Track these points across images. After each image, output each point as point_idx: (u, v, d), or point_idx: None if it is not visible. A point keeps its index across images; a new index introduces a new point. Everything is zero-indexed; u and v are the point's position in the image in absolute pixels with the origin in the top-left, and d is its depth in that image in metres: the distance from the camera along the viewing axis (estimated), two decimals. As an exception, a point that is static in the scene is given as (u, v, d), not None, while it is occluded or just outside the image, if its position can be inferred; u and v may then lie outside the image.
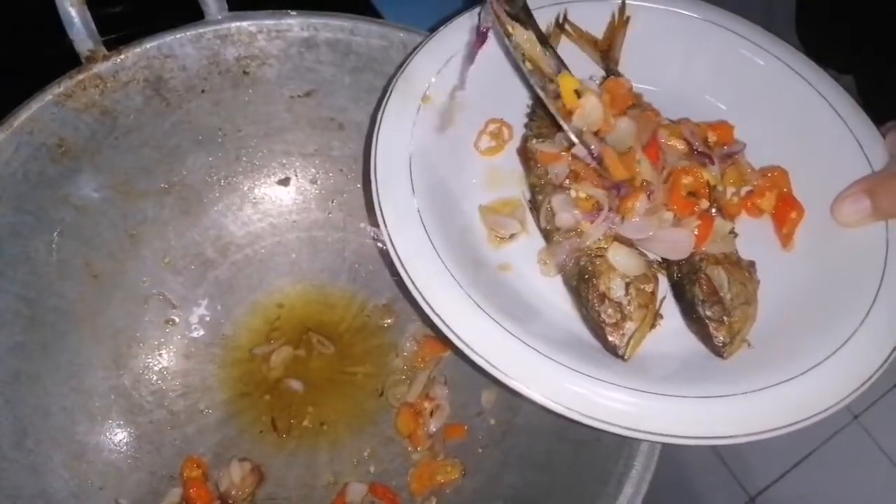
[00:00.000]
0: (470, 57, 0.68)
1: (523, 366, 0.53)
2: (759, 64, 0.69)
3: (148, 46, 0.72)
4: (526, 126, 0.69)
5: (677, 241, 0.60)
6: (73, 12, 0.66)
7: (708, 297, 0.59)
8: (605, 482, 0.64)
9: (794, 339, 0.58)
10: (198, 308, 0.83)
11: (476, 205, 0.65)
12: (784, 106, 0.68)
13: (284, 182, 0.87)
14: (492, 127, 0.69)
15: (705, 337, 0.59)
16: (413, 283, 0.56)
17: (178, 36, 0.73)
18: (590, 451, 0.68)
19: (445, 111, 0.66)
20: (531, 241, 0.64)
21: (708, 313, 0.59)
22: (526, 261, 0.63)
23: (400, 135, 0.62)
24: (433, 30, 0.70)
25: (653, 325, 0.60)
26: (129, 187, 0.78)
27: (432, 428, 0.79)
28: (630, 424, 0.52)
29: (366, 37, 0.76)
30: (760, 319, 0.60)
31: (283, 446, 0.79)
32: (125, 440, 0.76)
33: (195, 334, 0.82)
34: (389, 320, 0.86)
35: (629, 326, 0.58)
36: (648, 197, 0.61)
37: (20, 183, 0.69)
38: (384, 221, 0.58)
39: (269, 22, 0.75)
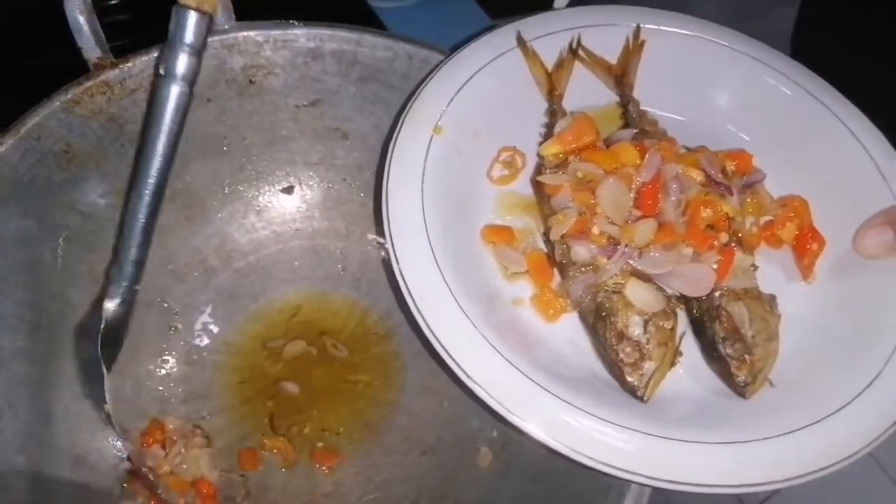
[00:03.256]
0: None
1: (533, 406, 0.52)
2: (784, 93, 0.69)
3: (155, 55, 0.72)
4: (539, 155, 0.67)
5: (697, 278, 0.59)
6: (81, 20, 0.66)
7: (729, 335, 0.57)
8: (606, 494, 0.63)
9: (818, 377, 0.57)
10: (200, 315, 0.84)
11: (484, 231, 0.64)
12: (806, 136, 0.67)
13: (288, 190, 0.88)
14: (504, 155, 0.68)
15: (726, 376, 0.57)
16: (424, 318, 0.54)
17: (185, 44, 0.73)
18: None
19: (457, 140, 0.64)
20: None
21: (729, 351, 0.57)
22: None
23: (412, 168, 0.61)
24: (434, 43, 0.71)
25: (673, 363, 0.58)
26: (135, 194, 0.78)
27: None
28: (649, 472, 0.50)
29: (371, 48, 0.77)
30: (782, 356, 0.59)
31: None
32: (126, 447, 0.75)
33: (198, 341, 0.83)
34: (391, 330, 0.86)
35: (648, 366, 0.56)
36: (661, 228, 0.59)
37: (27, 188, 0.69)
38: (396, 257, 0.57)
39: (276, 32, 0.76)
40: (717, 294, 0.59)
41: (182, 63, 0.58)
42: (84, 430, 0.74)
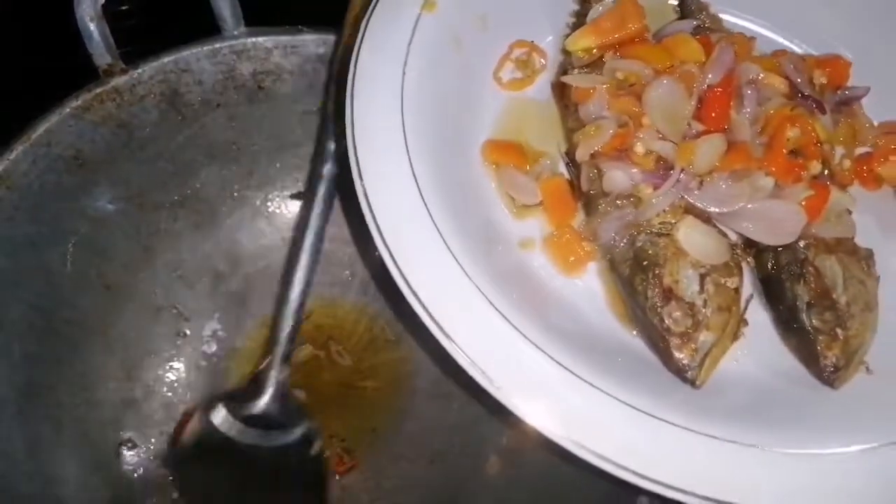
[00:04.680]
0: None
1: (540, 386, 0.38)
2: None
3: (165, 61, 0.73)
4: (564, 52, 0.51)
5: (780, 219, 0.43)
6: (92, 27, 0.67)
7: (817, 300, 0.43)
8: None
9: None
10: (209, 321, 0.84)
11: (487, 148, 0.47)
12: None
13: (297, 196, 0.88)
14: (518, 52, 0.52)
15: (810, 356, 0.43)
16: (394, 260, 0.39)
17: (194, 51, 0.74)
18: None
19: (455, 24, 0.47)
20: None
21: (816, 323, 0.42)
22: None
23: (390, 56, 0.45)
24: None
25: (735, 336, 0.43)
26: (144, 200, 0.79)
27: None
28: (694, 488, 0.36)
29: (380, 53, 0.77)
30: (881, 332, 0.44)
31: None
32: (135, 452, 0.76)
33: (206, 347, 0.83)
34: (399, 335, 0.85)
35: (704, 338, 0.41)
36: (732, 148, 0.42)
37: (37, 194, 0.70)
38: (360, 173, 0.41)
39: (285, 38, 0.76)
40: (801, 244, 0.44)
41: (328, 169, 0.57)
42: (96, 435, 0.74)
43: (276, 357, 0.64)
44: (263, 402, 0.64)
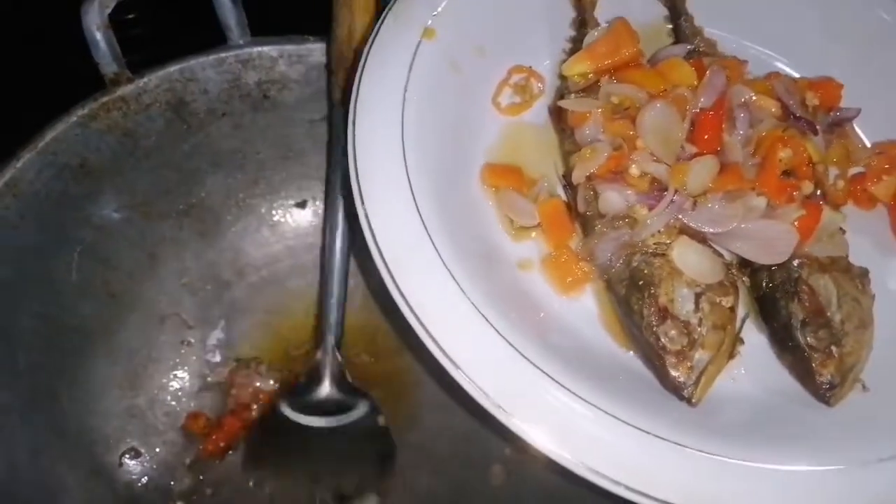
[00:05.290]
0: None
1: (538, 405, 0.38)
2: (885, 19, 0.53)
3: (171, 70, 0.73)
4: (561, 77, 0.52)
5: (772, 239, 0.44)
6: (98, 35, 0.67)
7: (811, 318, 0.43)
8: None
9: None
10: (214, 329, 0.84)
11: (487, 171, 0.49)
12: None
13: (302, 205, 0.88)
14: (516, 77, 0.53)
15: (805, 374, 0.43)
16: (395, 282, 0.41)
17: (200, 60, 0.74)
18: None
19: (455, 51, 0.49)
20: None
21: (810, 340, 0.43)
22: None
23: (391, 81, 0.46)
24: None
25: (731, 355, 0.44)
26: (149, 208, 0.79)
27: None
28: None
29: (385, 62, 0.77)
30: (877, 350, 0.45)
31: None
32: (139, 461, 0.75)
33: (210, 355, 0.82)
34: (402, 346, 0.85)
35: (700, 356, 0.42)
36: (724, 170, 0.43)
37: (43, 202, 0.70)
38: (361, 197, 0.42)
39: (290, 47, 0.76)
40: (794, 263, 0.45)
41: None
42: (97, 444, 0.74)
43: (326, 345, 0.71)
44: (324, 389, 0.70)
